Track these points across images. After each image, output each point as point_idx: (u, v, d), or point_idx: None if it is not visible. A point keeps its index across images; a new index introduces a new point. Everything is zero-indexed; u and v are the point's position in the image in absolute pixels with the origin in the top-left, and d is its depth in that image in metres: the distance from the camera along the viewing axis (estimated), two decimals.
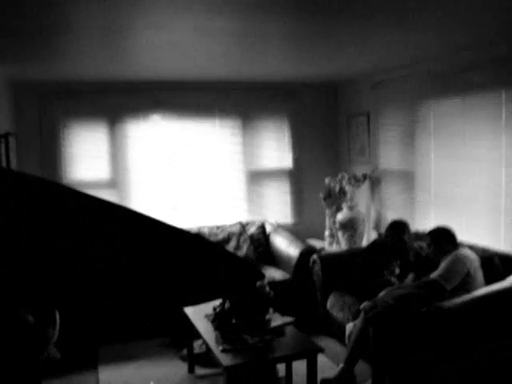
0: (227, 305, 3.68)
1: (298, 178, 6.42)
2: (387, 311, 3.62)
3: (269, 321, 3.66)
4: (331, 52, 4.41)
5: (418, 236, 4.77)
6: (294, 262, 5.24)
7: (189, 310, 4.06)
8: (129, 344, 4.74)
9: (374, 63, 5.05)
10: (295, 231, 6.27)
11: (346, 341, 4.07)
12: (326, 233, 6.00)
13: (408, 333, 3.50)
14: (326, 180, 5.91)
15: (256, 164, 6.24)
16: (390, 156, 5.57)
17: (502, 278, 3.75)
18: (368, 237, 6.00)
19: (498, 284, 3.58)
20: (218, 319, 3.68)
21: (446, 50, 4.39)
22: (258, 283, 4.05)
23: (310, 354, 3.20)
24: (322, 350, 3.22)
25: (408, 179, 5.28)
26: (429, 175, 4.96)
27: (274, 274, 5.30)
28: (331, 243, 5.92)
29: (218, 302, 3.78)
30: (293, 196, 6.43)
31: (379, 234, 5.70)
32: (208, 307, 3.87)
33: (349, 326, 4.10)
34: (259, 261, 5.61)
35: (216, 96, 6.03)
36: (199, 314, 3.92)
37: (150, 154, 5.84)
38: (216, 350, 3.23)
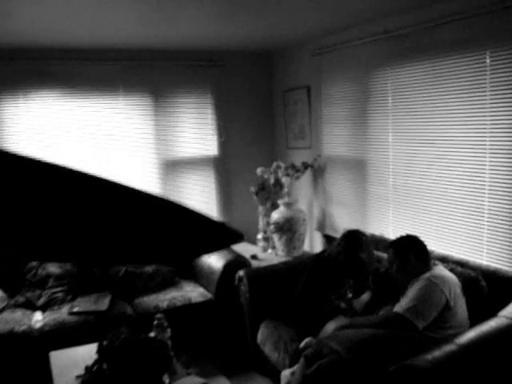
0: (104, 365, 2.49)
1: (226, 168, 5.23)
2: (335, 366, 2.52)
3: None
4: (260, 7, 3.25)
5: (373, 243, 3.71)
6: (216, 277, 4.09)
7: (55, 365, 2.84)
8: None
9: (315, 23, 3.90)
10: None
11: None
12: (259, 236, 4.86)
13: None
14: (258, 170, 4.75)
15: (172, 151, 5.01)
16: (336, 140, 4.46)
17: (491, 306, 2.73)
18: (311, 240, 4.91)
19: (490, 322, 2.52)
20: None
21: (409, 3, 3.29)
22: (156, 322, 2.89)
23: None
24: None
25: (359, 169, 4.19)
26: (386, 164, 3.88)
27: (190, 293, 4.12)
28: (266, 248, 4.79)
29: (92, 359, 2.59)
30: (219, 190, 5.24)
31: (327, 240, 4.61)
32: (81, 363, 2.68)
33: (284, 375, 3.00)
34: (175, 274, 4.41)
35: (119, 67, 4.73)
36: (67, 375, 2.71)
37: (36, 140, 4.50)
38: None
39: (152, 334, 2.88)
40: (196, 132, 5.09)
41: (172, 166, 5.00)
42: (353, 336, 2.62)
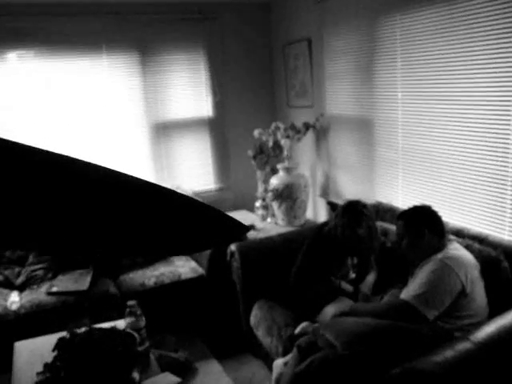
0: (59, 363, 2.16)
1: (221, 130, 4.81)
2: (329, 364, 2.17)
3: None
4: None
5: (380, 212, 3.33)
6: (209, 250, 3.75)
7: (19, 358, 2.54)
8: None
9: None
10: (220, 201, 4.76)
11: None
12: (257, 203, 4.48)
13: None
14: (256, 132, 4.33)
15: (163, 113, 4.59)
16: (340, 97, 4.00)
17: None
18: (314, 208, 4.52)
19: None
20: None
21: None
22: (127, 310, 2.56)
23: None
24: None
25: (366, 129, 3.75)
26: (395, 124, 3.44)
27: (181, 268, 3.79)
28: (265, 217, 4.42)
29: (51, 355, 2.26)
30: (215, 154, 4.83)
31: (332, 208, 4.20)
32: (47, 356, 2.36)
33: (277, 364, 2.67)
34: None
35: (101, 23, 4.25)
36: (29, 371, 2.39)
37: (12, 105, 4.12)
38: None
39: (124, 323, 2.55)
40: (188, 92, 4.66)
41: (163, 129, 4.60)
42: (352, 327, 2.26)
